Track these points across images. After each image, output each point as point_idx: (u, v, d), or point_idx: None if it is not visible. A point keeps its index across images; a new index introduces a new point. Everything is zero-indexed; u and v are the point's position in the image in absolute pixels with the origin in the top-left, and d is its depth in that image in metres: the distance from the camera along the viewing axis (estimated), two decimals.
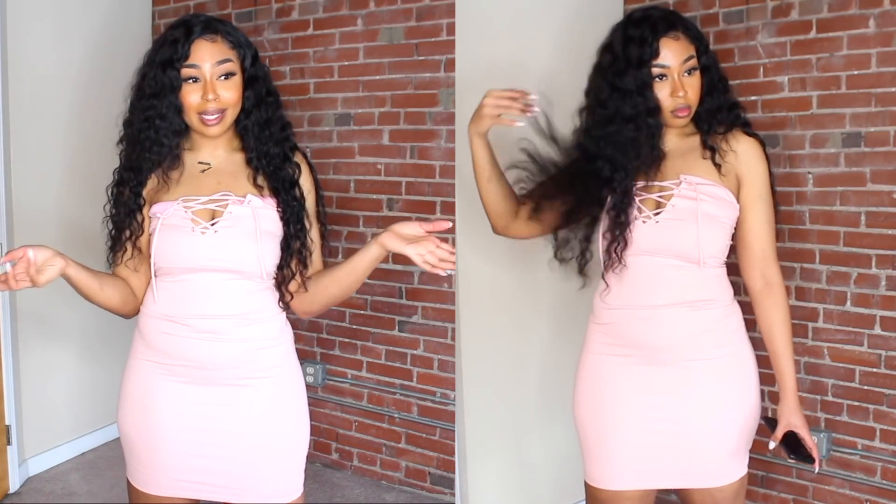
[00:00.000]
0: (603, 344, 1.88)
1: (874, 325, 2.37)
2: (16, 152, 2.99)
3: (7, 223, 2.96)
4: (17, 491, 3.03)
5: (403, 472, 3.17)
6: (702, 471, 1.82)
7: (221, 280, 1.66)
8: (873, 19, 2.29)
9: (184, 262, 1.66)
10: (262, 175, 1.71)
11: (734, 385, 1.82)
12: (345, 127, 3.15)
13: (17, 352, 3.05)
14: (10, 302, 2.99)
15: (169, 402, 1.70)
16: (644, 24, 1.78)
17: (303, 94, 3.23)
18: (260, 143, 1.71)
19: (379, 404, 3.20)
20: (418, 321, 3.06)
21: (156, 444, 1.71)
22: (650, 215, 1.79)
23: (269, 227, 1.69)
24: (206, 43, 1.64)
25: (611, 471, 1.87)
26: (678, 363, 1.80)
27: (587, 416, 1.91)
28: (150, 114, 1.65)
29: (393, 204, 3.06)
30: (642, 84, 1.77)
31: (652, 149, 1.81)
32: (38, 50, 3.08)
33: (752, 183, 1.81)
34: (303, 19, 3.21)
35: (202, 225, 1.65)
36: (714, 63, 1.84)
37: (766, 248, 1.83)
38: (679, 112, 1.78)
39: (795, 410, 1.82)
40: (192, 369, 1.68)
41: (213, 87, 1.63)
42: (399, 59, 3.00)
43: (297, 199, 1.72)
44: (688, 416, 1.81)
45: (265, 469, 1.72)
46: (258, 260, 1.66)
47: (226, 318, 1.66)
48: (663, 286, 1.79)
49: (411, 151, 3.01)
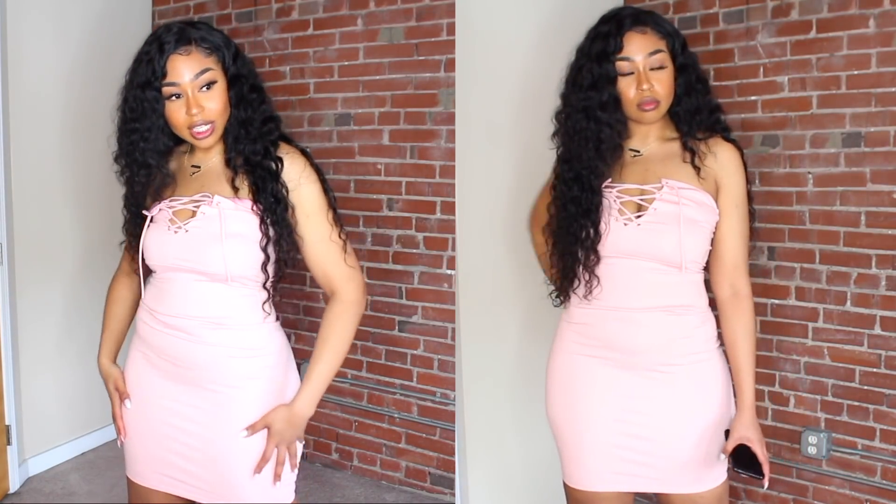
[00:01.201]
0: (576, 343, 1.88)
1: (874, 325, 2.37)
2: (16, 152, 2.99)
3: (7, 223, 2.96)
4: (17, 491, 3.03)
5: (403, 472, 3.17)
6: (680, 477, 1.81)
7: (192, 280, 1.66)
8: (873, 19, 2.29)
9: (160, 260, 1.68)
10: (241, 175, 1.67)
11: (708, 390, 1.81)
12: (345, 127, 3.15)
13: (17, 352, 3.05)
14: (11, 302, 2.99)
15: (154, 395, 1.72)
16: (612, 20, 1.79)
17: (303, 94, 3.23)
18: (237, 143, 1.67)
19: (379, 404, 3.20)
20: (418, 321, 3.06)
21: (144, 435, 1.74)
22: (631, 218, 1.78)
23: (239, 228, 1.64)
24: (181, 57, 1.61)
25: (587, 471, 1.86)
26: (653, 368, 1.79)
27: (560, 416, 1.91)
28: (134, 137, 1.65)
29: (393, 204, 3.06)
30: (599, 77, 1.77)
31: (614, 146, 1.81)
32: (37, 51, 3.08)
33: (729, 191, 1.80)
34: (303, 19, 3.21)
35: (177, 224, 1.66)
36: (692, 63, 1.82)
37: (737, 258, 1.81)
38: (645, 105, 1.76)
39: (750, 425, 1.77)
40: (170, 365, 1.69)
41: (197, 101, 1.62)
42: (399, 59, 3.00)
43: (277, 196, 1.65)
44: (663, 422, 1.80)
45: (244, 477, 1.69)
46: (223, 262, 1.63)
47: (196, 320, 1.66)
48: (641, 289, 1.78)
49: (411, 151, 3.01)
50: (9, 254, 2.97)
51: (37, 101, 3.09)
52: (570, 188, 1.84)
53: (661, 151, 1.84)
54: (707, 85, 1.86)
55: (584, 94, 1.80)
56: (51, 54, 3.14)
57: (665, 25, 1.80)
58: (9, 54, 2.94)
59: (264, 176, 1.65)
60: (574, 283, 1.86)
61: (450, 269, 2.95)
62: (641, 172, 1.82)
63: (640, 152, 1.85)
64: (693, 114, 1.82)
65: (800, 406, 2.52)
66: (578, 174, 1.82)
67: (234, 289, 1.66)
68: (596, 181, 1.81)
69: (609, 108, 1.78)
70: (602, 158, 1.80)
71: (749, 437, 1.77)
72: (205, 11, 3.47)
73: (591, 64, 1.78)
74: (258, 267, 1.66)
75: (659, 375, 1.79)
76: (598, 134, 1.79)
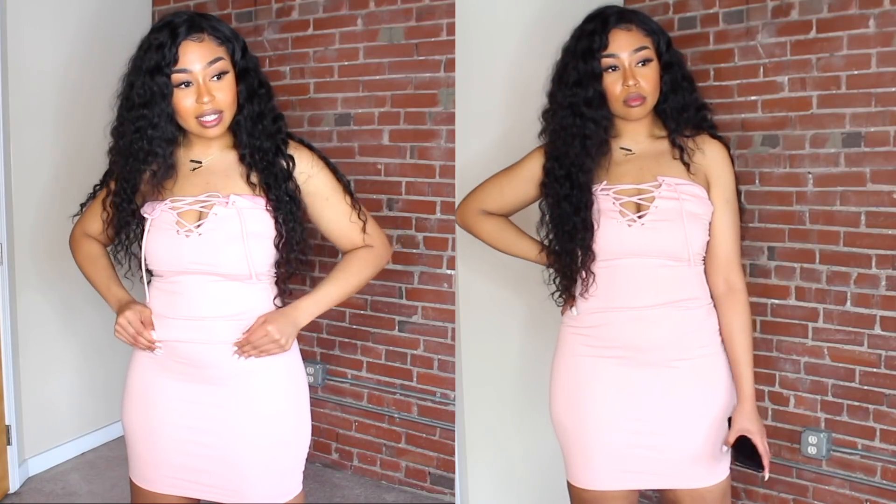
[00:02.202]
0: (583, 346, 1.88)
1: (874, 325, 2.36)
2: (16, 152, 2.99)
3: (7, 223, 2.96)
4: (17, 491, 3.03)
5: (403, 472, 3.17)
6: (689, 471, 1.83)
7: (209, 282, 1.64)
8: (873, 19, 2.29)
9: (170, 265, 1.65)
10: (256, 172, 1.66)
11: (715, 384, 1.84)
12: (345, 127, 3.15)
13: (17, 352, 3.05)
14: (11, 302, 2.99)
15: (166, 399, 1.70)
16: (597, 18, 1.81)
17: (303, 94, 3.23)
18: (252, 139, 1.66)
19: (379, 404, 3.20)
20: (418, 321, 3.06)
21: (155, 441, 1.71)
22: (634, 218, 1.79)
23: (257, 227, 1.65)
24: (194, 44, 1.58)
25: (594, 471, 1.87)
26: (664, 364, 1.81)
27: (566, 417, 1.91)
28: (142, 124, 1.61)
29: (393, 204, 3.06)
30: (585, 74, 1.79)
31: (599, 142, 1.82)
32: (37, 50, 3.08)
33: (719, 187, 1.83)
34: (303, 19, 3.21)
35: (187, 227, 1.63)
36: (678, 62, 1.85)
37: (729, 252, 1.84)
38: (631, 101, 1.78)
39: (751, 416, 1.81)
40: (186, 367, 1.67)
41: (208, 89, 1.59)
42: (399, 59, 3.00)
43: (290, 194, 1.66)
44: (673, 417, 1.81)
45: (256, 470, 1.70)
46: (246, 261, 1.63)
47: (211, 319, 1.65)
48: (652, 287, 1.80)
49: (411, 151, 3.01)
50: (9, 254, 2.97)
51: (37, 101, 3.09)
52: (562, 185, 1.85)
53: (652, 149, 1.85)
54: (693, 83, 1.88)
55: (569, 90, 1.82)
56: (51, 55, 3.14)
57: (650, 23, 1.83)
58: (9, 55, 2.94)
59: (277, 174, 1.65)
60: (575, 281, 1.87)
61: (450, 269, 2.95)
62: (636, 171, 1.83)
63: (632, 151, 1.86)
64: (680, 111, 1.84)
65: (800, 406, 2.52)
66: (569, 171, 1.84)
67: (250, 286, 1.66)
68: (584, 178, 1.83)
69: (594, 104, 1.80)
70: (588, 154, 1.82)
71: (749, 429, 1.79)
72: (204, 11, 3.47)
73: (576, 61, 1.81)
74: (272, 264, 1.67)
75: (669, 371, 1.81)
76: (583, 130, 1.81)
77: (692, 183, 1.80)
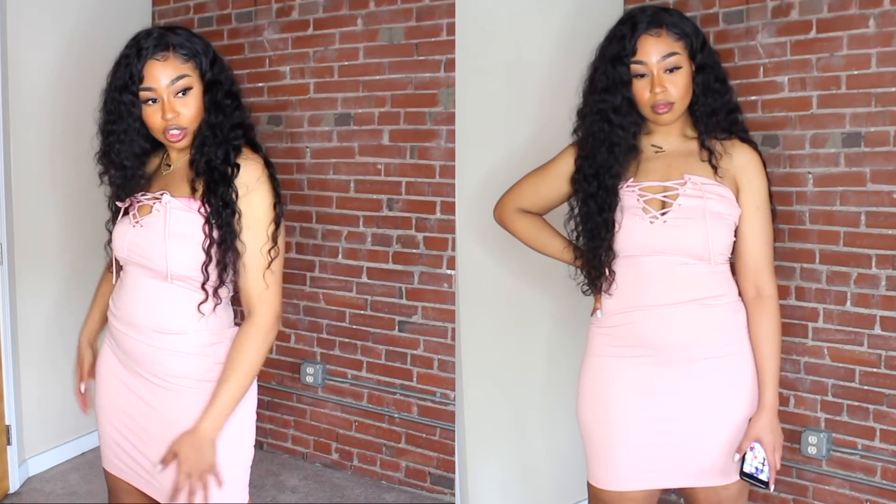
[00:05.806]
0: (609, 346, 1.88)
1: (874, 325, 2.36)
2: (16, 153, 2.99)
3: (7, 223, 2.96)
4: (17, 491, 3.03)
5: (403, 472, 3.17)
6: (709, 469, 1.83)
7: (142, 276, 1.69)
8: (873, 19, 2.29)
9: (119, 251, 1.73)
10: (201, 177, 1.68)
11: (741, 383, 1.83)
12: (345, 127, 3.15)
13: (17, 352, 3.05)
14: (11, 302, 2.99)
15: (113, 380, 1.77)
16: (628, 21, 1.80)
17: (303, 94, 3.23)
18: (203, 146, 1.68)
19: (379, 404, 3.20)
20: (418, 321, 3.06)
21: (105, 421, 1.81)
22: (657, 216, 1.79)
23: (182, 228, 1.66)
24: (158, 63, 1.64)
25: (615, 472, 1.87)
26: (690, 362, 1.80)
27: (591, 418, 1.91)
28: (112, 139, 1.70)
29: (393, 204, 3.06)
30: (615, 81, 1.79)
31: (627, 148, 1.83)
32: (37, 51, 3.08)
33: (749, 193, 1.82)
34: (303, 19, 3.21)
35: (136, 219, 1.70)
36: (712, 63, 1.83)
37: (759, 260, 1.82)
38: (658, 108, 1.78)
39: (766, 427, 1.79)
40: (123, 355, 1.74)
41: (172, 106, 1.65)
42: (399, 59, 3.00)
43: (226, 201, 1.65)
44: (697, 415, 1.81)
45: None
46: (164, 260, 1.65)
47: (139, 314, 1.70)
48: (673, 284, 1.79)
49: (411, 151, 3.01)
50: (9, 254, 2.97)
51: (37, 102, 3.09)
52: (590, 184, 1.86)
53: (683, 148, 1.86)
54: (726, 84, 1.86)
55: (598, 96, 1.83)
56: (50, 56, 3.14)
57: (683, 25, 1.81)
58: (9, 56, 2.94)
59: (217, 179, 1.66)
60: (598, 277, 1.89)
61: (450, 269, 2.95)
62: (664, 168, 1.84)
63: (662, 148, 1.87)
64: (710, 115, 1.83)
65: (800, 406, 2.52)
66: (597, 171, 1.85)
67: (173, 287, 1.67)
68: (611, 181, 1.84)
69: (622, 111, 1.81)
70: (616, 159, 1.83)
71: (763, 439, 1.78)
72: (205, 11, 3.47)
73: (605, 66, 1.81)
74: (198, 268, 1.66)
75: (693, 370, 1.80)
76: (611, 137, 1.82)
77: (719, 183, 1.80)
